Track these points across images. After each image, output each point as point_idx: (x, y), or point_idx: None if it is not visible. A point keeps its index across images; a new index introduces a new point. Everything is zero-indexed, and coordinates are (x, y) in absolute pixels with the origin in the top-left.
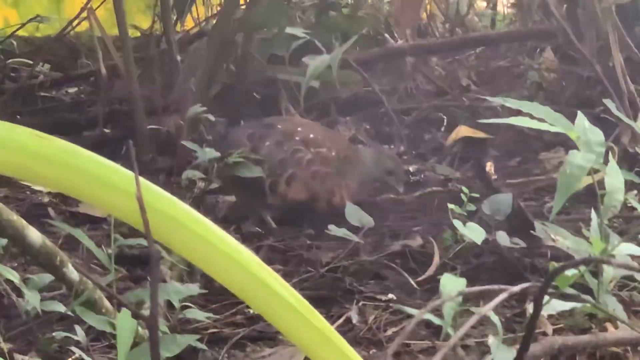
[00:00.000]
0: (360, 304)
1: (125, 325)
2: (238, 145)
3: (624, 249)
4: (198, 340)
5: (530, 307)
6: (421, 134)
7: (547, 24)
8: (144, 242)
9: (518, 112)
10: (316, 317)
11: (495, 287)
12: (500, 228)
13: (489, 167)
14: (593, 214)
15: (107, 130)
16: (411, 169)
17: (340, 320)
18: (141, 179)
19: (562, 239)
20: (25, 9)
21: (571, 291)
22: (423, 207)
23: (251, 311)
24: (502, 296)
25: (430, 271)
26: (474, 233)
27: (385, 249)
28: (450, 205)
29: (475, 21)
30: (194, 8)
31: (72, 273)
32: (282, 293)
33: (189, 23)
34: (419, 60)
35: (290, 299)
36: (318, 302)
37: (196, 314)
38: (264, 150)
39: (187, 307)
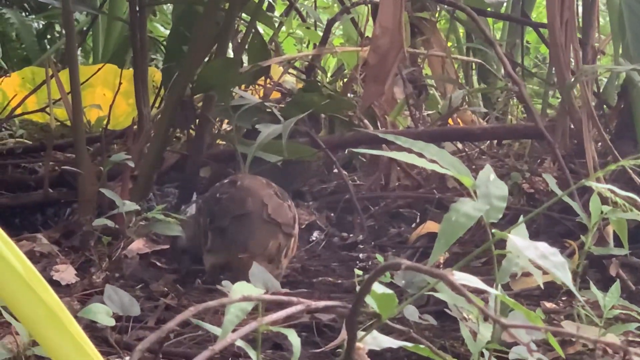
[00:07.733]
0: None
1: None
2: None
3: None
4: None
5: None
6: (387, 226)
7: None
8: None
9: None
10: (48, 294)
11: (294, 299)
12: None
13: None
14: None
15: (51, 191)
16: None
17: None
18: None
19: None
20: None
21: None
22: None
23: None
24: (297, 308)
25: (332, 345)
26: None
27: (291, 320)
28: (358, 271)
29: (469, 114)
30: None
31: None
32: (13, 263)
33: None
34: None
35: (22, 271)
36: None
37: None
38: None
39: None
